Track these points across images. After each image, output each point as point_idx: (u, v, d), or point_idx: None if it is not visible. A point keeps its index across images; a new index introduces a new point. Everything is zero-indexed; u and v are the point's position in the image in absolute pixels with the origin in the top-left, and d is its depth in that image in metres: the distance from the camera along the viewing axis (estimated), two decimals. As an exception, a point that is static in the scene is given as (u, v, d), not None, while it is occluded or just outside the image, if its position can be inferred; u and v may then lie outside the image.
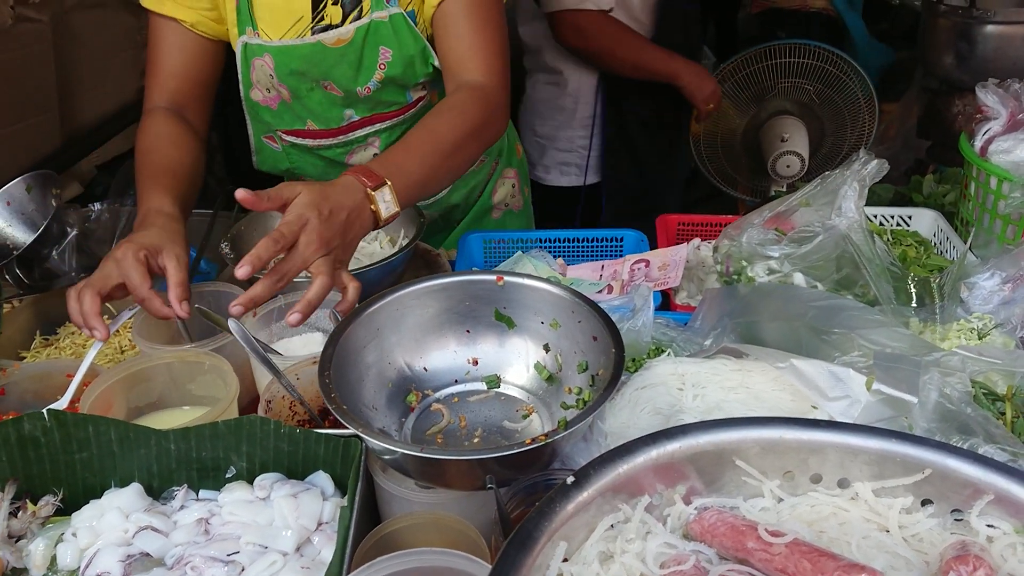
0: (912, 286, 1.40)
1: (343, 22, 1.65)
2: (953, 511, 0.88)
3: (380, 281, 1.56)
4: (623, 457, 0.89)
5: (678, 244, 1.73)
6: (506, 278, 1.23)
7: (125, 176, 2.00)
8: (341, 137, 1.80)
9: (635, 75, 2.62)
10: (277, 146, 1.87)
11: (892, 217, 1.86)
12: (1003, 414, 1.08)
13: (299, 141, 1.82)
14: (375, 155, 1.80)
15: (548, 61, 2.74)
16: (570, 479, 0.86)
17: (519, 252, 1.81)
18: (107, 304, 1.62)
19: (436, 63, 1.67)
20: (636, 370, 1.26)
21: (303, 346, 1.45)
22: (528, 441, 0.95)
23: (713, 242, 1.64)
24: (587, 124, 2.78)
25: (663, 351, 1.38)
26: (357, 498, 1.05)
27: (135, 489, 1.15)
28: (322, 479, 1.16)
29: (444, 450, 1.02)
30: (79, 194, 2.50)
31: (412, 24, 1.65)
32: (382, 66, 1.67)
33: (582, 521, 0.86)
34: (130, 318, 1.45)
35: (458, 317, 1.25)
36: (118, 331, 1.61)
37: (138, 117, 2.58)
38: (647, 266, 1.67)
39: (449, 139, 1.50)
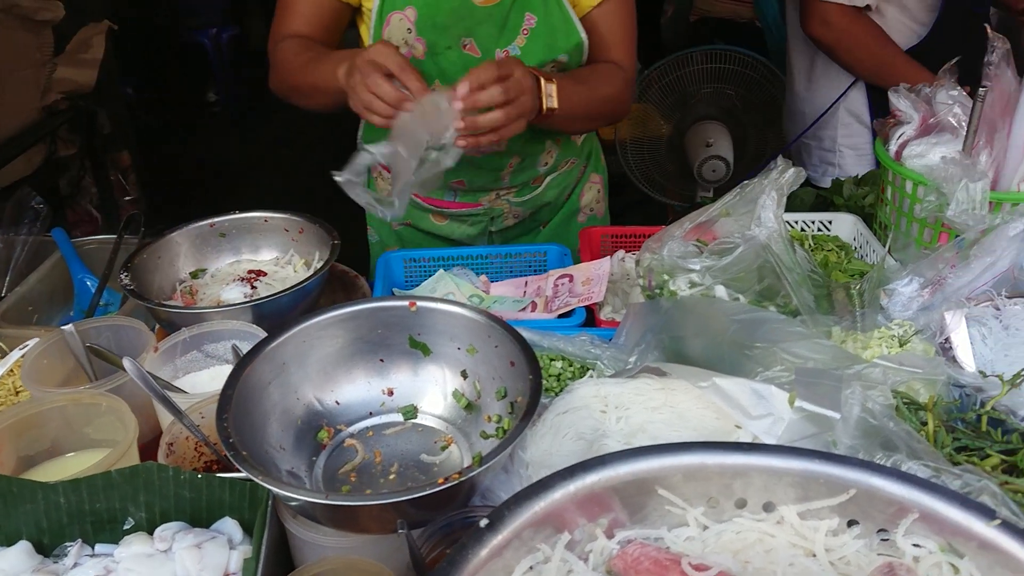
0: (833, 294, 1.39)
1: None
2: (879, 531, 0.86)
3: (294, 307, 1.50)
4: (539, 493, 0.85)
5: (603, 257, 1.70)
6: (419, 303, 1.18)
7: (19, 203, 1.89)
8: None
9: (875, 82, 2.48)
10: None
11: (813, 223, 1.86)
12: (924, 424, 1.07)
13: None
14: None
15: None
16: (483, 521, 0.81)
17: (441, 270, 1.75)
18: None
19: (582, 36, 1.74)
20: (559, 393, 1.22)
21: (210, 381, 1.37)
22: (441, 480, 0.90)
23: (636, 254, 1.61)
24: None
25: (587, 370, 1.35)
26: (264, 547, 0.99)
27: (23, 548, 1.07)
28: (229, 526, 1.09)
29: (349, 496, 0.96)
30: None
31: None
32: (525, 31, 1.70)
33: (498, 566, 0.81)
34: (20, 357, 1.36)
35: (370, 346, 1.19)
36: (11, 370, 1.50)
37: (39, 139, 2.45)
38: (571, 281, 1.63)
39: (600, 88, 1.74)
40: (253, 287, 1.59)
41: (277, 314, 1.43)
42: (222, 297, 1.57)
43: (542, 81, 1.55)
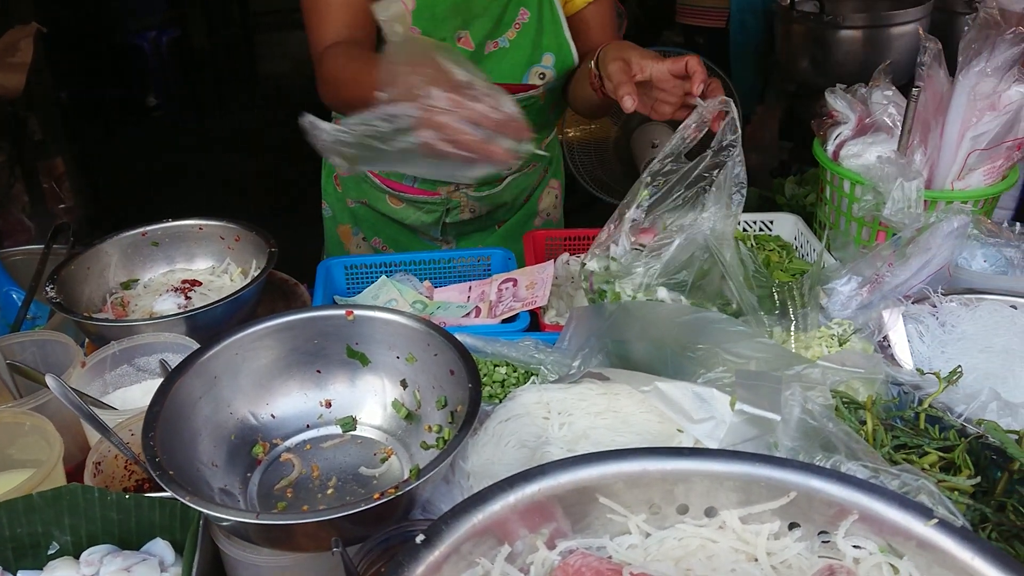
0: (775, 293, 1.40)
1: None
2: (820, 533, 0.86)
3: (230, 318, 1.45)
4: (478, 506, 0.83)
5: (547, 261, 1.68)
6: (356, 312, 1.15)
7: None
8: None
9: None
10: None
11: (755, 223, 1.87)
12: (864, 423, 1.08)
13: None
14: None
15: None
16: (419, 537, 0.79)
17: (383, 277, 1.72)
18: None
19: (568, 39, 1.75)
20: (502, 399, 1.20)
21: (142, 396, 1.32)
22: (376, 496, 0.87)
23: (581, 257, 1.60)
24: None
25: (531, 375, 1.33)
26: (195, 568, 0.95)
27: (-62, 577, 1.01)
28: (160, 547, 1.05)
29: (281, 514, 0.93)
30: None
31: None
32: (517, 25, 1.71)
33: (436, 582, 0.79)
34: (-61, 377, 1.29)
35: (306, 357, 1.16)
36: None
37: None
38: (515, 285, 1.62)
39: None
40: (187, 298, 1.54)
41: (213, 325, 1.39)
42: (155, 309, 1.52)
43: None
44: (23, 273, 1.77)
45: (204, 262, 1.66)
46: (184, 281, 1.60)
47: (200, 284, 1.60)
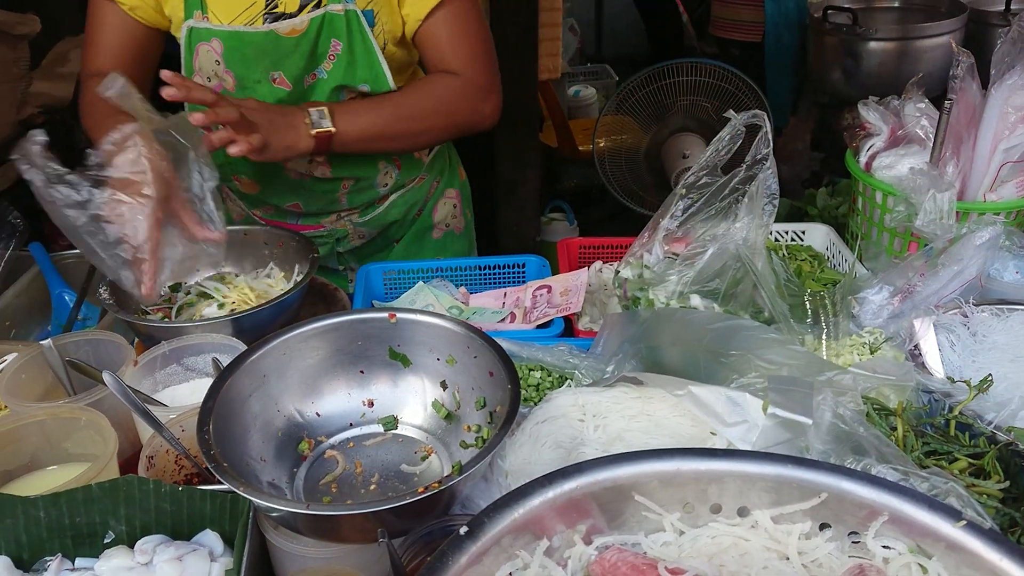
0: (807, 302, 1.42)
1: (298, 12, 1.62)
2: (850, 533, 0.88)
3: (275, 321, 1.50)
4: (518, 501, 0.86)
5: (580, 268, 1.72)
6: (399, 315, 1.19)
7: (-5, 218, 1.88)
8: None
9: None
10: None
11: (786, 232, 1.89)
12: (894, 429, 1.10)
13: None
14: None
15: None
16: (463, 529, 0.82)
17: (420, 283, 1.76)
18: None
19: (384, 68, 1.69)
20: (538, 402, 1.24)
21: (190, 394, 1.37)
22: (421, 490, 0.91)
23: (615, 265, 1.63)
24: None
25: (566, 380, 1.37)
26: (245, 558, 0.99)
27: (2, 563, 1.06)
28: (210, 538, 1.09)
29: (330, 506, 0.97)
30: (-49, 237, 2.34)
31: (366, 24, 1.65)
32: (331, 57, 1.67)
33: (477, 573, 0.82)
34: (-1, 373, 1.35)
35: (350, 358, 1.20)
36: (-11, 386, 1.49)
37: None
38: (549, 292, 1.65)
39: (410, 103, 1.70)
40: (233, 300, 1.59)
41: (258, 328, 1.44)
42: (203, 311, 1.57)
43: (308, 109, 1.58)
44: (74, 276, 1.84)
45: (249, 266, 1.71)
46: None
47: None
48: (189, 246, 1.42)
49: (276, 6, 1.62)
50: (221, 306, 1.58)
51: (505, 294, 1.74)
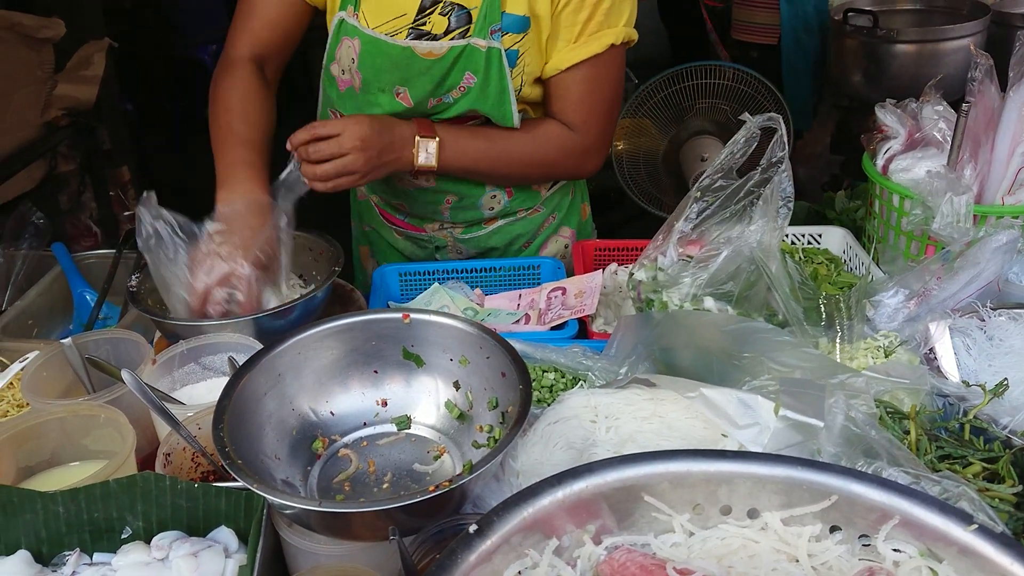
0: (822, 305, 1.41)
1: (443, 35, 1.62)
2: (861, 536, 0.88)
3: (299, 321, 1.50)
4: (528, 500, 0.87)
5: (595, 270, 1.72)
6: (412, 315, 1.20)
7: (20, 218, 1.91)
8: None
9: None
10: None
11: (803, 236, 1.88)
12: (907, 433, 1.09)
13: None
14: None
15: None
16: (472, 527, 0.83)
17: (436, 284, 1.77)
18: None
19: (513, 109, 1.68)
20: (551, 403, 1.24)
21: (207, 393, 1.39)
22: (431, 488, 0.92)
23: (629, 267, 1.64)
24: None
25: (579, 381, 1.37)
26: (259, 555, 1.00)
27: (22, 557, 1.08)
28: (225, 535, 1.11)
29: (343, 503, 0.98)
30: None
31: (506, 64, 1.63)
32: (462, 88, 1.66)
33: (487, 571, 0.83)
34: (20, 370, 1.38)
35: (364, 357, 1.22)
36: (11, 383, 1.52)
37: (40, 155, 2.48)
38: (564, 294, 1.66)
39: (516, 153, 1.73)
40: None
41: (281, 329, 1.44)
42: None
43: (417, 138, 1.61)
44: (95, 276, 1.86)
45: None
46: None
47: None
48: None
49: (424, 24, 1.62)
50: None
51: (520, 296, 1.75)
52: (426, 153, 1.62)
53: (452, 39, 1.61)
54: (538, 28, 1.63)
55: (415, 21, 1.62)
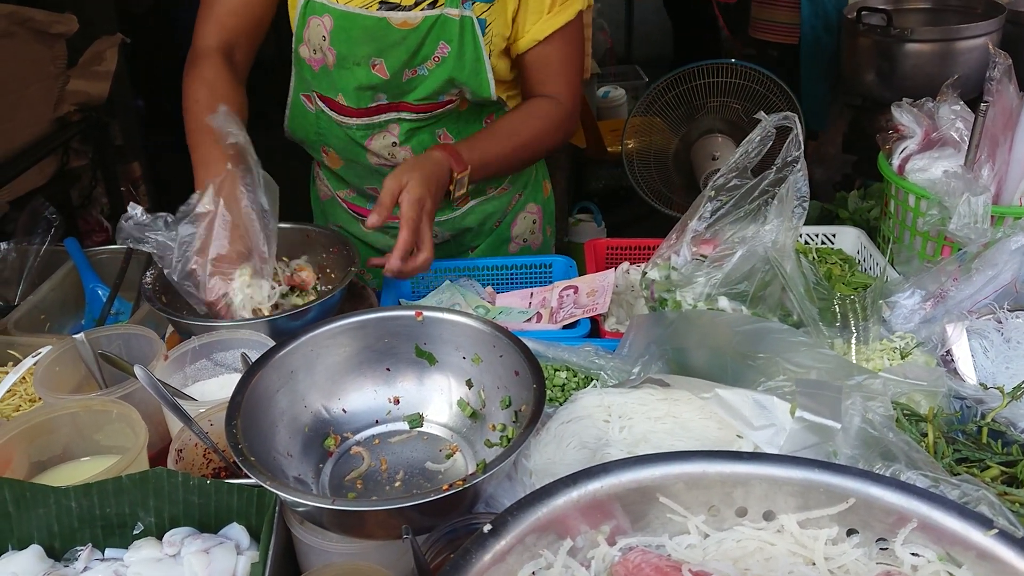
0: (837, 306, 1.40)
1: (414, 6, 1.64)
2: (878, 540, 0.87)
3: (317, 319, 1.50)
4: (543, 500, 0.86)
5: (607, 269, 1.71)
6: (425, 313, 1.20)
7: (33, 213, 1.91)
8: (365, 119, 1.77)
9: None
10: (311, 107, 1.84)
11: (817, 236, 1.87)
12: (925, 435, 1.08)
13: (327, 110, 1.80)
14: (393, 143, 1.80)
15: None
16: (487, 527, 0.82)
17: (447, 281, 1.77)
18: (10, 351, 1.55)
19: (489, 77, 1.71)
20: (563, 402, 1.23)
21: (219, 389, 1.39)
22: (445, 487, 0.91)
23: (642, 267, 1.63)
24: None
25: (591, 381, 1.36)
26: (271, 552, 1.00)
27: (34, 551, 1.08)
28: (236, 532, 1.10)
29: (356, 501, 0.98)
30: (-12, 231, 2.39)
31: (479, 32, 1.66)
32: (436, 58, 1.68)
33: (501, 571, 0.82)
34: (33, 365, 1.38)
35: (377, 355, 1.21)
36: (23, 378, 1.52)
37: (52, 150, 2.49)
38: (575, 292, 1.65)
39: (527, 140, 1.77)
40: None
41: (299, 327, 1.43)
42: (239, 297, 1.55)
43: (454, 174, 1.65)
44: (107, 271, 1.86)
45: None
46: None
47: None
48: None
49: None
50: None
51: (532, 294, 1.75)
52: (461, 187, 1.68)
53: (423, 9, 1.63)
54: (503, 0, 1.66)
55: None
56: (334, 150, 1.88)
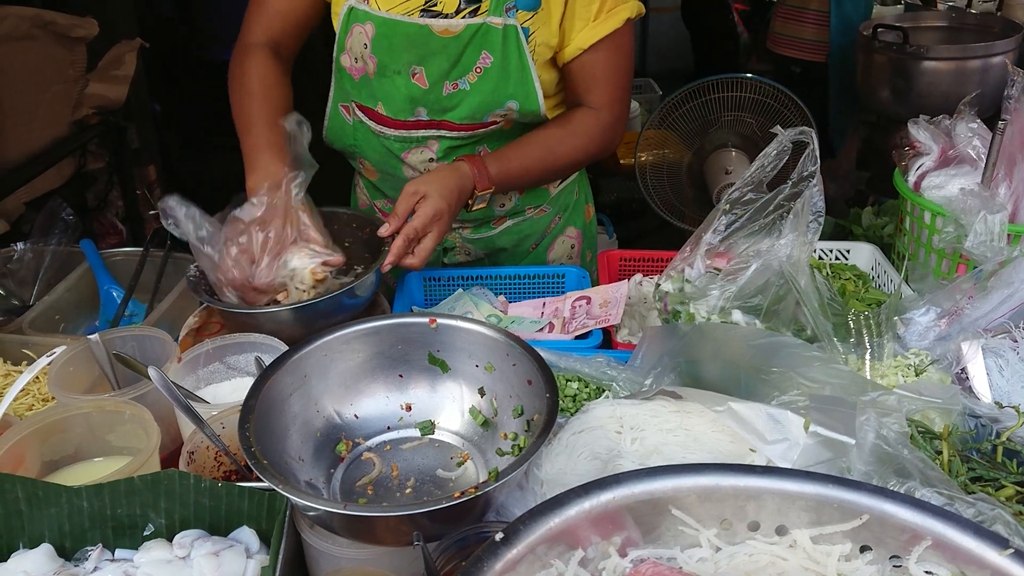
0: (851, 321, 1.40)
1: (455, 14, 1.63)
2: (892, 557, 0.87)
3: (353, 308, 1.52)
4: (555, 510, 0.86)
5: (620, 280, 1.71)
6: (439, 320, 1.20)
7: (50, 214, 1.93)
8: (403, 132, 1.76)
9: None
10: (349, 118, 1.84)
11: (831, 251, 1.86)
12: (939, 453, 1.07)
13: (367, 120, 1.80)
14: (431, 159, 1.79)
15: None
16: (499, 535, 0.82)
17: (460, 290, 1.77)
18: (25, 350, 1.56)
19: (537, 86, 1.69)
20: (575, 413, 1.23)
21: (232, 392, 1.39)
22: (457, 495, 0.91)
23: (655, 279, 1.63)
24: None
25: (603, 391, 1.36)
26: (281, 556, 1.00)
27: (45, 550, 1.09)
28: (246, 535, 1.11)
29: (368, 507, 0.98)
30: (5, 232, 2.41)
31: (523, 40, 1.64)
32: (478, 69, 1.66)
33: (512, 580, 0.82)
34: (47, 364, 1.38)
35: (390, 361, 1.21)
36: (37, 377, 1.53)
37: (70, 152, 2.51)
38: (588, 303, 1.65)
39: (562, 157, 1.77)
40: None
41: (324, 316, 1.44)
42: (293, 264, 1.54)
43: (476, 190, 1.66)
44: (122, 273, 1.88)
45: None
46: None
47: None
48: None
49: (435, 4, 1.63)
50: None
51: (544, 304, 1.74)
52: (482, 202, 1.70)
53: (465, 17, 1.63)
54: (548, 7, 1.65)
55: (426, 2, 1.63)
56: (370, 162, 1.87)
